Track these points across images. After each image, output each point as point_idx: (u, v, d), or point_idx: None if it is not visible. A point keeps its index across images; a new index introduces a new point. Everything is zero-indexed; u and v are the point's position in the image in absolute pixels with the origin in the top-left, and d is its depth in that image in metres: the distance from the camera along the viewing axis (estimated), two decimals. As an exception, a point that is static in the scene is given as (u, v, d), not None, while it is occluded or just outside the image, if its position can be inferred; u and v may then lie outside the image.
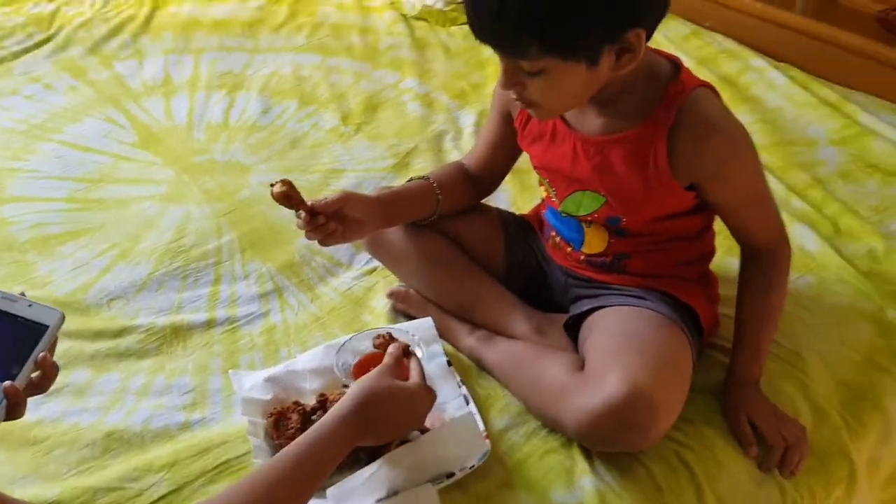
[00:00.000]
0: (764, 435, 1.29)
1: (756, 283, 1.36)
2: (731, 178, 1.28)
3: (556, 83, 1.17)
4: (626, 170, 1.28)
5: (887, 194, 1.81)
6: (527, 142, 1.40)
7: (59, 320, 1.03)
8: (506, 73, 1.19)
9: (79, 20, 2.48)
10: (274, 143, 2.01)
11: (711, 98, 1.27)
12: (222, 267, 1.66)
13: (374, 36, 2.46)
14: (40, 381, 1.03)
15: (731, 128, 1.26)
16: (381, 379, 1.18)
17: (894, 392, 1.42)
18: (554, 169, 1.36)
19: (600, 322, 1.34)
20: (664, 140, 1.24)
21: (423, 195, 1.45)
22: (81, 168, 1.91)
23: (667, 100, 1.24)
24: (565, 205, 1.38)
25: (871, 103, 2.09)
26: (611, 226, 1.36)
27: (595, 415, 1.19)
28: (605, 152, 1.29)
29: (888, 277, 1.60)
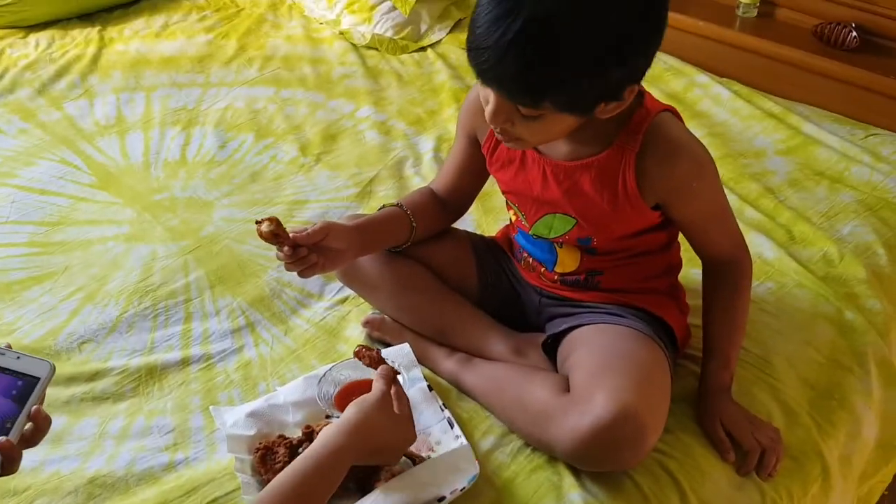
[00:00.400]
0: (738, 440, 1.33)
1: (722, 293, 1.41)
2: (695, 197, 1.33)
3: (548, 128, 1.21)
4: (595, 193, 1.32)
5: (835, 200, 1.88)
6: (495, 167, 1.42)
7: (50, 371, 1.02)
8: (498, 112, 1.20)
9: (24, 62, 2.44)
10: (234, 176, 2.01)
11: (675, 121, 1.32)
12: (192, 304, 1.65)
13: (326, 66, 2.47)
14: (32, 435, 1.01)
15: (695, 150, 1.31)
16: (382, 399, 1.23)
17: (858, 390, 1.48)
18: (523, 193, 1.39)
19: (579, 341, 1.37)
20: (633, 164, 1.28)
21: (397, 222, 1.46)
22: (40, 211, 1.89)
23: (632, 125, 1.28)
24: (536, 227, 1.41)
25: (813, 113, 2.17)
26: (582, 245, 1.39)
27: (585, 437, 1.21)
28: (575, 177, 1.32)
29: (843, 280, 1.66)
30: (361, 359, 1.34)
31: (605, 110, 1.20)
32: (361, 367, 1.44)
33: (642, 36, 1.15)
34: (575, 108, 1.18)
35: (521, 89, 1.15)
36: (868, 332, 1.56)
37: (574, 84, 1.13)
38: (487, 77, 1.16)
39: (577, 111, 1.19)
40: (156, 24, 2.66)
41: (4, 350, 1.03)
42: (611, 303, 1.41)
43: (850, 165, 1.97)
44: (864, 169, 1.96)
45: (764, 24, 2.36)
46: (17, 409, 0.98)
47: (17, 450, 0.97)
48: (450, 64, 2.47)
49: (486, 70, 1.14)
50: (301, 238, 1.32)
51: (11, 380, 1.00)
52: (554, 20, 1.08)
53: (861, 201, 1.86)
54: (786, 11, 2.36)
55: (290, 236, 1.32)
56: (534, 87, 1.14)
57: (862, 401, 1.47)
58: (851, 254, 1.71)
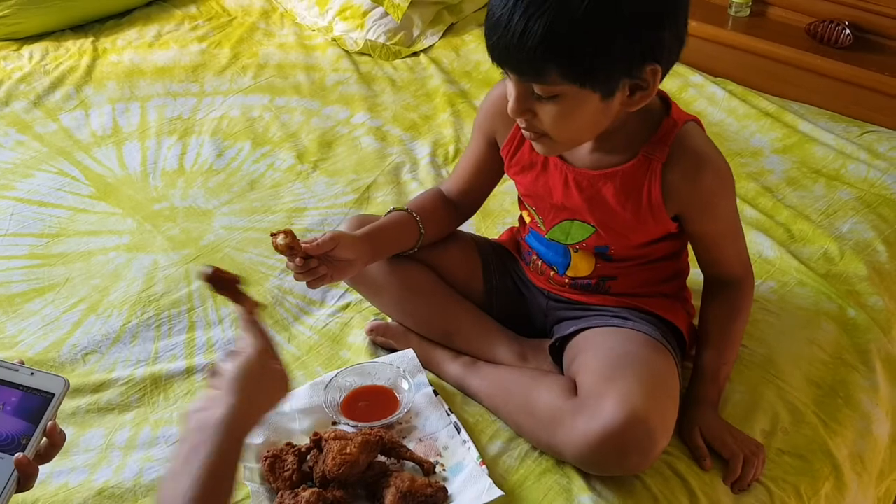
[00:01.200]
0: (717, 450, 1.31)
1: (721, 313, 1.40)
2: (716, 211, 1.33)
3: (569, 111, 1.18)
4: (618, 203, 1.31)
5: (833, 198, 1.89)
6: (515, 170, 1.41)
7: (65, 387, 1.03)
8: (518, 99, 1.20)
9: (18, 74, 2.43)
10: (232, 185, 2.01)
11: (700, 132, 1.31)
12: (195, 313, 1.65)
13: (320, 73, 2.47)
14: (47, 451, 1.01)
15: (720, 163, 1.32)
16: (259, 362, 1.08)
17: (864, 387, 1.49)
18: (543, 198, 1.38)
19: (587, 344, 1.36)
20: (658, 174, 1.27)
21: (406, 227, 1.46)
22: (39, 223, 1.88)
23: (659, 134, 1.27)
24: (552, 232, 1.40)
25: (808, 111, 2.18)
26: (598, 253, 1.39)
27: (595, 442, 1.21)
28: (598, 186, 1.31)
29: (845, 277, 1.67)
30: (212, 282, 1.18)
31: (630, 100, 1.19)
32: (367, 373, 1.45)
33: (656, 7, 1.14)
34: (587, 81, 1.15)
35: (527, 59, 1.13)
36: (871, 329, 1.56)
37: (578, 48, 1.12)
38: (496, 53, 1.17)
39: (590, 84, 1.15)
40: (149, 35, 2.65)
41: (18, 367, 1.03)
42: (618, 306, 1.41)
43: (847, 163, 1.98)
44: (861, 166, 1.97)
45: (757, 23, 2.37)
46: (32, 426, 0.99)
47: (34, 466, 0.97)
48: (443, 69, 2.47)
49: (495, 45, 1.16)
50: (311, 249, 1.32)
51: (26, 396, 1.00)
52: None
53: (859, 198, 1.87)
54: (778, 10, 2.37)
55: (302, 248, 1.32)
56: (537, 54, 1.12)
57: (868, 398, 1.47)
58: (851, 251, 1.72)
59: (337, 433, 1.30)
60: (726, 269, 1.40)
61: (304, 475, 1.28)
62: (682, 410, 1.35)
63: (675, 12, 1.17)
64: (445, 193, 1.54)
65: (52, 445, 1.01)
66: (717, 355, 1.38)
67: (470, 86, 2.38)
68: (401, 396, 1.41)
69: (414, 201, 1.52)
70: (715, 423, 1.34)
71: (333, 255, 1.34)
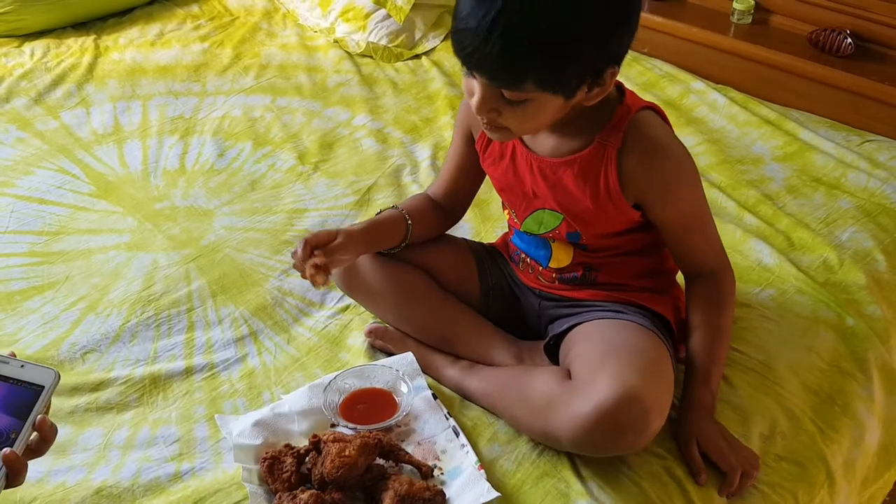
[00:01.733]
0: (715, 462, 1.30)
1: (703, 309, 1.40)
2: (675, 200, 1.34)
3: (535, 113, 1.22)
4: (578, 189, 1.33)
5: (833, 206, 1.89)
6: (488, 163, 1.44)
7: (55, 380, 1.00)
8: (484, 100, 1.22)
9: (19, 71, 2.43)
10: (233, 185, 2.01)
11: (656, 119, 1.33)
12: (195, 313, 1.65)
13: (321, 74, 2.47)
14: (38, 445, 0.99)
15: (675, 151, 1.33)
16: None
17: (861, 396, 1.49)
18: (514, 189, 1.41)
19: (581, 336, 1.38)
20: (614, 160, 1.29)
21: (395, 224, 1.49)
22: (39, 221, 1.88)
23: (614, 121, 1.30)
24: (526, 224, 1.42)
25: (809, 120, 2.18)
26: (572, 242, 1.40)
27: (589, 421, 1.21)
28: (559, 173, 1.34)
29: (844, 286, 1.67)
30: None
31: (588, 96, 1.22)
32: (366, 376, 1.45)
33: (621, 12, 1.18)
34: (558, 88, 1.19)
35: (506, 70, 1.16)
36: (869, 337, 1.57)
37: (557, 61, 1.15)
38: (472, 61, 1.18)
39: (560, 91, 1.20)
40: (151, 33, 2.65)
41: (8, 359, 1.01)
42: (609, 300, 1.42)
43: (847, 171, 1.99)
44: (862, 175, 1.97)
45: (759, 31, 2.38)
46: (21, 420, 0.96)
47: (22, 461, 0.95)
48: (444, 71, 2.47)
49: (471, 54, 1.16)
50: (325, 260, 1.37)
51: (15, 389, 0.98)
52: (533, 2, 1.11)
53: (859, 207, 1.87)
54: (780, 18, 2.37)
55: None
56: (517, 66, 1.15)
57: (864, 406, 1.48)
58: (851, 260, 1.72)
59: (336, 435, 1.30)
60: (699, 261, 1.40)
61: (302, 477, 1.28)
62: (678, 419, 1.35)
63: (636, 15, 1.21)
64: (432, 197, 1.55)
65: (44, 440, 0.98)
66: (705, 354, 1.36)
67: (471, 89, 2.38)
68: (399, 399, 1.41)
69: (403, 202, 1.55)
70: (712, 433, 1.32)
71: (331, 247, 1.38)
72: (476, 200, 1.81)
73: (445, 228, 1.60)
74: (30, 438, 0.97)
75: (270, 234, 1.85)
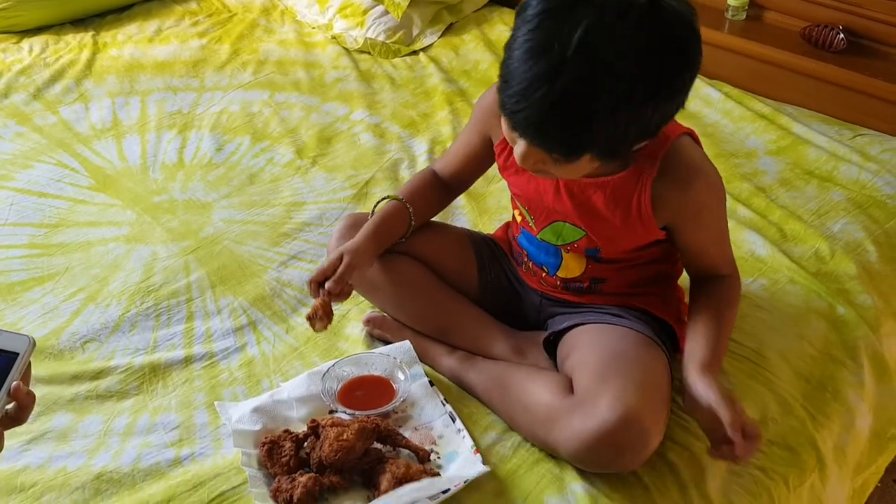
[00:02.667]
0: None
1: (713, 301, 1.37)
2: (705, 222, 1.34)
3: (580, 170, 1.20)
4: (607, 211, 1.32)
5: (825, 199, 1.91)
6: (508, 172, 1.42)
7: (30, 346, 0.98)
8: (528, 156, 1.18)
9: (18, 66, 2.45)
10: (232, 179, 2.02)
11: (693, 146, 1.32)
12: (194, 304, 1.66)
13: (319, 70, 2.49)
14: (17, 413, 0.97)
15: (711, 176, 1.32)
16: None
17: (851, 383, 1.51)
18: (535, 200, 1.40)
19: (581, 340, 1.38)
20: (649, 187, 1.28)
21: (399, 218, 1.49)
22: (38, 213, 1.90)
23: (651, 148, 1.26)
24: (544, 233, 1.42)
25: (802, 114, 2.21)
26: (589, 255, 1.41)
27: (590, 440, 1.23)
28: (588, 194, 1.33)
29: (835, 276, 1.69)
30: None
31: (637, 148, 1.21)
32: (364, 364, 1.46)
33: (680, 79, 1.13)
34: (612, 156, 1.19)
35: (561, 146, 1.14)
36: (860, 326, 1.59)
37: (614, 139, 1.13)
38: (523, 129, 1.13)
39: (614, 157, 1.20)
40: (149, 30, 2.67)
41: None
42: (612, 304, 1.43)
43: (839, 165, 2.01)
44: (853, 168, 1.99)
45: (753, 27, 2.40)
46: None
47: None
48: (441, 67, 2.49)
49: (524, 123, 1.12)
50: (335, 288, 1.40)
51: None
52: (598, 80, 1.06)
53: (850, 199, 1.90)
54: (774, 14, 2.40)
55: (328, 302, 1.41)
56: (574, 145, 1.13)
57: (854, 393, 1.50)
58: (842, 250, 1.74)
59: (334, 420, 1.32)
60: (713, 271, 1.40)
61: (301, 461, 1.30)
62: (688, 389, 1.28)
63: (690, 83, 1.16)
64: (438, 173, 1.56)
65: (21, 407, 0.96)
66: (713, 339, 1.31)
67: (468, 85, 2.40)
68: (397, 386, 1.43)
69: (406, 186, 1.55)
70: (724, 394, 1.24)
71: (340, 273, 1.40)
72: (473, 193, 1.83)
73: (446, 204, 1.62)
74: (6, 407, 0.96)
75: (269, 226, 1.87)
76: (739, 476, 1.33)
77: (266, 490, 1.27)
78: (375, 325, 1.57)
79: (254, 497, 1.25)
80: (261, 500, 1.25)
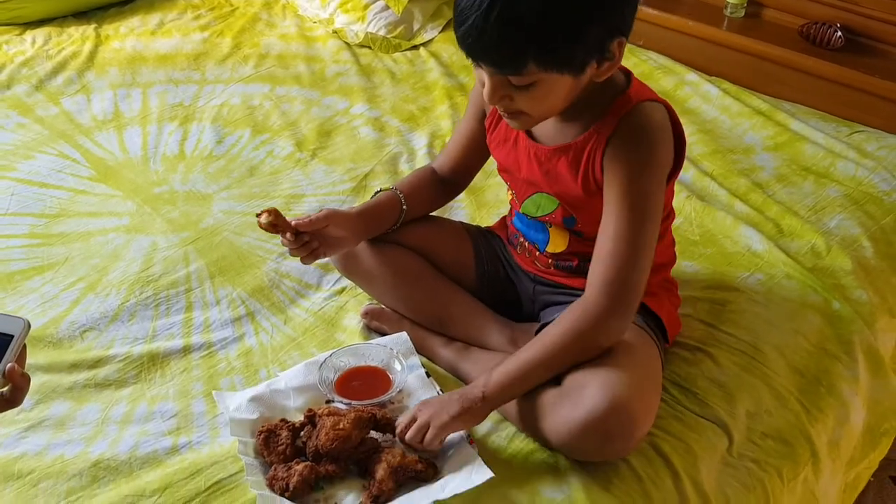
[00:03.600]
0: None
1: (556, 331, 1.30)
2: (620, 172, 1.28)
3: (545, 94, 1.23)
4: (569, 176, 1.35)
5: (822, 195, 1.92)
6: (494, 144, 1.46)
7: (25, 328, 0.99)
8: (494, 89, 1.24)
9: (20, 58, 2.46)
10: (232, 171, 2.03)
11: (655, 113, 1.30)
12: (193, 294, 1.67)
13: (320, 64, 2.50)
14: (12, 395, 0.98)
15: (655, 142, 1.29)
16: None
17: (846, 377, 1.52)
18: (514, 172, 1.43)
19: None
20: (602, 144, 1.30)
21: (391, 206, 1.51)
22: (39, 203, 1.91)
23: (612, 110, 1.30)
24: (525, 206, 1.44)
25: (800, 111, 2.21)
26: (568, 227, 1.42)
27: (578, 429, 1.24)
28: (553, 160, 1.36)
29: (831, 272, 1.70)
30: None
31: (598, 72, 1.23)
32: (361, 354, 1.47)
33: None
34: (562, 67, 1.21)
35: (506, 56, 1.19)
36: (855, 321, 1.59)
37: (554, 41, 1.17)
38: (474, 52, 1.21)
39: (565, 69, 1.21)
40: (151, 23, 2.68)
41: None
42: (604, 292, 1.43)
43: (836, 161, 2.02)
44: (850, 164, 2.00)
45: (751, 24, 2.41)
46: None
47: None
48: (442, 62, 2.50)
49: (472, 45, 1.19)
50: (303, 225, 1.37)
51: None
52: None
53: (847, 195, 1.90)
54: (772, 11, 2.40)
55: (290, 224, 1.37)
56: (516, 51, 1.17)
57: (849, 387, 1.51)
58: (838, 246, 1.75)
59: (331, 410, 1.33)
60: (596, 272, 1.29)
61: (297, 450, 1.31)
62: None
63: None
64: (437, 170, 1.57)
65: (17, 388, 0.98)
66: (532, 360, 1.29)
67: (468, 79, 2.41)
68: (393, 377, 1.44)
69: (403, 180, 1.57)
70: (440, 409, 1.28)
71: (326, 231, 1.39)
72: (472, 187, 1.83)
73: (445, 202, 1.63)
74: (1, 390, 0.97)
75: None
76: (734, 468, 1.34)
77: (262, 478, 1.28)
78: (373, 317, 1.58)
79: (250, 485, 1.26)
80: (257, 489, 1.25)
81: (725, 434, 1.37)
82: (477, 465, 1.27)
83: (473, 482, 1.25)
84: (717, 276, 1.68)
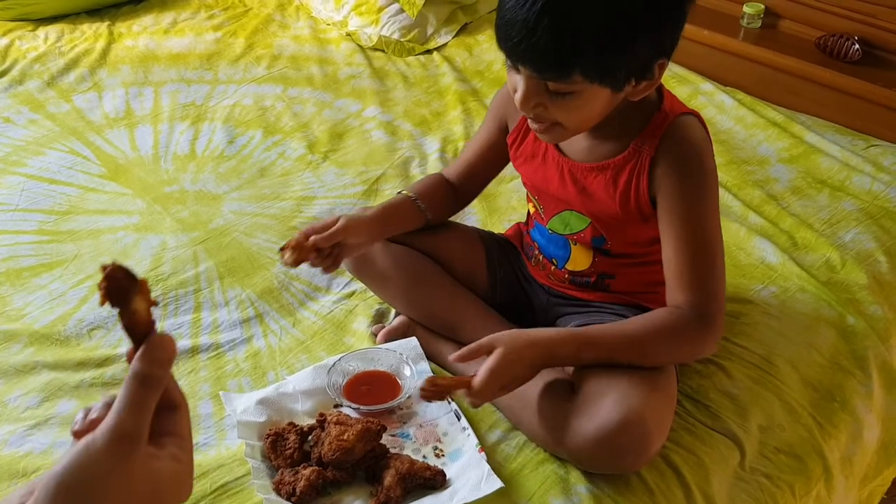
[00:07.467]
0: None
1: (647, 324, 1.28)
2: (678, 199, 1.26)
3: (581, 105, 1.21)
4: (607, 195, 1.32)
5: (837, 208, 1.90)
6: (519, 161, 1.43)
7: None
8: (529, 93, 1.21)
9: (33, 54, 2.46)
10: (243, 171, 2.02)
11: (694, 126, 1.30)
12: (202, 294, 1.66)
13: (333, 66, 2.49)
14: None
15: (704, 157, 1.29)
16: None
17: (860, 393, 1.50)
18: (543, 189, 1.40)
19: None
20: (647, 168, 1.28)
21: (407, 210, 1.49)
22: (49, 200, 1.90)
23: (650, 127, 1.27)
24: (552, 223, 1.42)
25: (815, 123, 2.20)
26: (596, 246, 1.40)
27: (591, 442, 1.22)
28: (590, 179, 1.33)
29: (845, 286, 1.68)
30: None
31: (635, 90, 1.21)
32: (370, 359, 1.46)
33: (671, 3, 1.17)
34: (605, 79, 1.18)
35: (553, 61, 1.16)
36: (869, 336, 1.58)
37: (605, 51, 1.14)
38: (518, 52, 1.17)
39: (608, 82, 1.19)
40: (164, 21, 2.68)
41: None
42: (618, 303, 1.42)
43: (852, 175, 2.00)
44: (866, 178, 1.98)
45: (768, 35, 2.40)
46: None
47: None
48: (455, 67, 2.49)
49: (517, 44, 1.16)
50: (323, 242, 1.35)
51: None
52: None
53: (862, 209, 1.89)
54: (789, 23, 2.39)
55: (311, 247, 1.35)
56: (565, 56, 1.14)
57: (863, 403, 1.49)
58: (853, 260, 1.73)
59: (339, 417, 1.31)
60: (671, 294, 1.28)
61: (304, 454, 1.29)
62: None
63: (685, 7, 1.20)
64: (447, 178, 1.56)
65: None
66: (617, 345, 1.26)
67: (481, 85, 2.40)
68: (403, 382, 1.43)
69: (415, 185, 1.55)
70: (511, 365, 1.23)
71: (344, 241, 1.37)
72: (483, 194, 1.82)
73: (455, 211, 1.60)
74: None
75: (278, 219, 1.87)
76: (745, 482, 1.32)
77: (269, 482, 1.26)
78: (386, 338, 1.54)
79: (256, 489, 1.25)
80: (263, 492, 1.24)
81: (737, 448, 1.35)
82: (486, 474, 1.26)
83: (483, 491, 1.23)
84: (730, 288, 1.65)
